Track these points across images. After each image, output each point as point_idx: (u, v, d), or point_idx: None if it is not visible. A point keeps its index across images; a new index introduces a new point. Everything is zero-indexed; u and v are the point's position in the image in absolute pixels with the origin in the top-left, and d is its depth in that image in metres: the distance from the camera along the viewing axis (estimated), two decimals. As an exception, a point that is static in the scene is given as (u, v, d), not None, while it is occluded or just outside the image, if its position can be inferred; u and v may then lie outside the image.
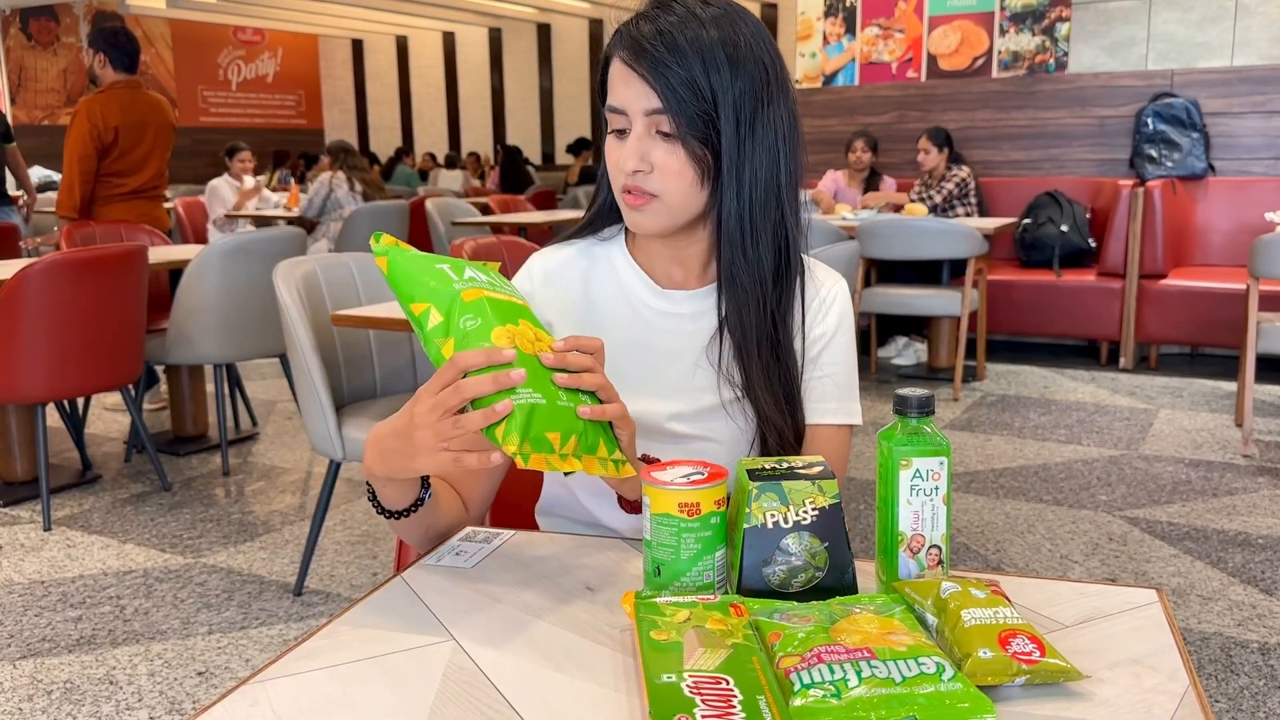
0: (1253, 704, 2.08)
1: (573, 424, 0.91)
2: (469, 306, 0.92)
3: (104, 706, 2.11)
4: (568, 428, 0.91)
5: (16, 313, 3.00)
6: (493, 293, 0.95)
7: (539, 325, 0.97)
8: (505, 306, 0.94)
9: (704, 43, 1.02)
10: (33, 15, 12.01)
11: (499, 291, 0.96)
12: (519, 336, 0.92)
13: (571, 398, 0.92)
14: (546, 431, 0.89)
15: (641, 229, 1.10)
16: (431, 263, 0.96)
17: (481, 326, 0.91)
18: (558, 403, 0.91)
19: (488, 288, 0.95)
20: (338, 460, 2.53)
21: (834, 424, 1.17)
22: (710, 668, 0.73)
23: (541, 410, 0.89)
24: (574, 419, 0.91)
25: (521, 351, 0.90)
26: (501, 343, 0.90)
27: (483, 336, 0.90)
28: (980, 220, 5.11)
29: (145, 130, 4.21)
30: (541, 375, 0.91)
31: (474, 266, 0.98)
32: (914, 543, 0.89)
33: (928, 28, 6.03)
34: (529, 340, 0.92)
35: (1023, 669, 0.73)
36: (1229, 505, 3.19)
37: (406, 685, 0.78)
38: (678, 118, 1.02)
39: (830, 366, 1.17)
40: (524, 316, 0.95)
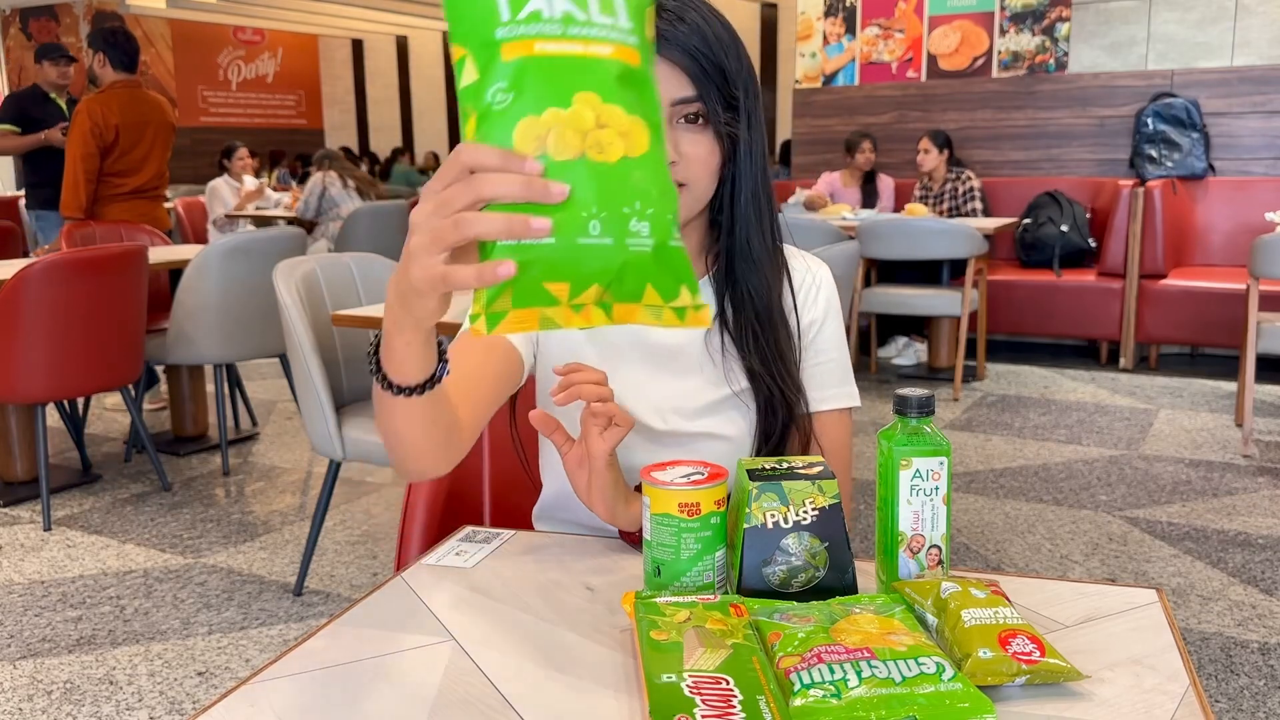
0: (1253, 704, 2.08)
1: (612, 265, 0.68)
2: (507, 69, 0.67)
3: (104, 707, 2.11)
4: (596, 272, 0.68)
5: (16, 313, 3.00)
6: (553, 43, 0.67)
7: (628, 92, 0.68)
8: (563, 68, 0.67)
9: (717, 29, 1.04)
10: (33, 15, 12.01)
11: (573, 40, 0.68)
12: (562, 129, 0.66)
13: (619, 232, 0.67)
14: (549, 280, 0.67)
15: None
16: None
17: (510, 108, 0.67)
18: (583, 239, 0.67)
19: (551, 34, 0.67)
20: (338, 460, 2.53)
21: (839, 409, 1.19)
22: (710, 668, 0.73)
23: (549, 251, 0.66)
24: (616, 257, 0.67)
25: (553, 160, 0.66)
26: (526, 145, 0.66)
27: (504, 129, 0.67)
28: (981, 220, 5.11)
29: (145, 130, 4.22)
30: (592, 186, 0.66)
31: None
32: (914, 543, 0.89)
33: (928, 28, 6.03)
34: (578, 131, 0.67)
35: (1023, 669, 0.73)
36: (1229, 505, 3.19)
37: (407, 686, 0.78)
38: (710, 102, 1.03)
39: (827, 352, 1.19)
40: (592, 85, 0.67)
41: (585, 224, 0.66)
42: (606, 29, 0.68)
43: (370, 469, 3.66)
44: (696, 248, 1.15)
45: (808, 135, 6.49)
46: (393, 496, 3.40)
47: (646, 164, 0.68)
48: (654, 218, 0.68)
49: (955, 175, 5.43)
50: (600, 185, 0.67)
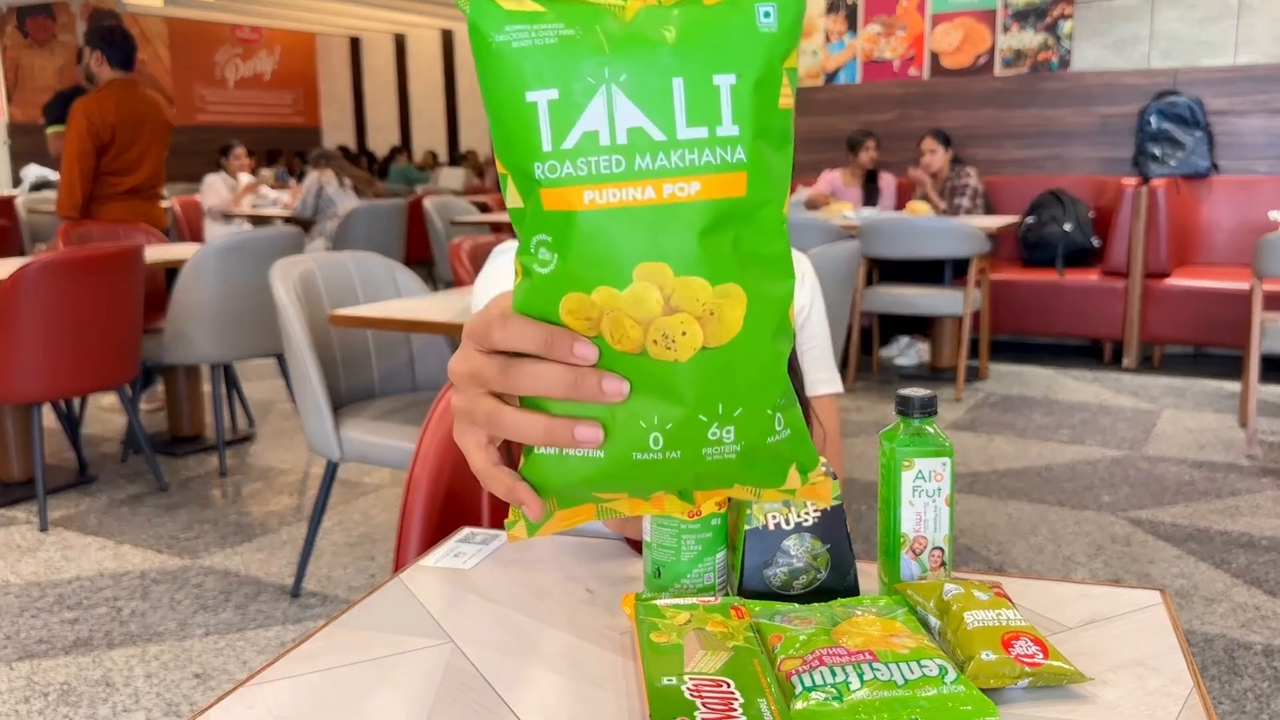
0: (1256, 706, 2.07)
1: (681, 476, 0.57)
2: (549, 221, 0.52)
3: (100, 708, 2.11)
4: (661, 481, 0.57)
5: (12, 313, 2.99)
6: (610, 189, 0.50)
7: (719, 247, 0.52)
8: (622, 227, 0.51)
9: None
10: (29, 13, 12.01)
11: (640, 175, 0.50)
12: (617, 317, 0.52)
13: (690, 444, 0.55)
14: (598, 490, 0.58)
15: None
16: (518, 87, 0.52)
17: (552, 277, 0.52)
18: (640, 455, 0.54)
19: (607, 174, 0.50)
20: (335, 461, 2.52)
21: (827, 394, 1.22)
22: (711, 670, 0.72)
23: (597, 465, 0.55)
24: (686, 470, 0.56)
25: (609, 347, 0.53)
26: (576, 323, 0.53)
27: (550, 298, 0.53)
28: (983, 219, 5.10)
29: (141, 129, 4.21)
30: (653, 387, 0.53)
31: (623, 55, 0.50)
32: (916, 544, 0.88)
33: (930, 25, 6.03)
34: (638, 321, 0.52)
35: (1026, 671, 0.73)
36: (1233, 506, 3.18)
37: (405, 688, 0.77)
38: None
39: (814, 339, 1.22)
40: (663, 252, 0.51)
41: (644, 436, 0.53)
42: (697, 150, 0.50)
43: (368, 470, 3.65)
44: None
45: (809, 133, 6.49)
46: (391, 497, 3.39)
47: (736, 353, 0.53)
48: (743, 419, 0.54)
49: (955, 172, 5.43)
50: (664, 390, 0.53)
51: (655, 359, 0.52)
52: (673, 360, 0.52)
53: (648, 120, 0.49)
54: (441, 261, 6.45)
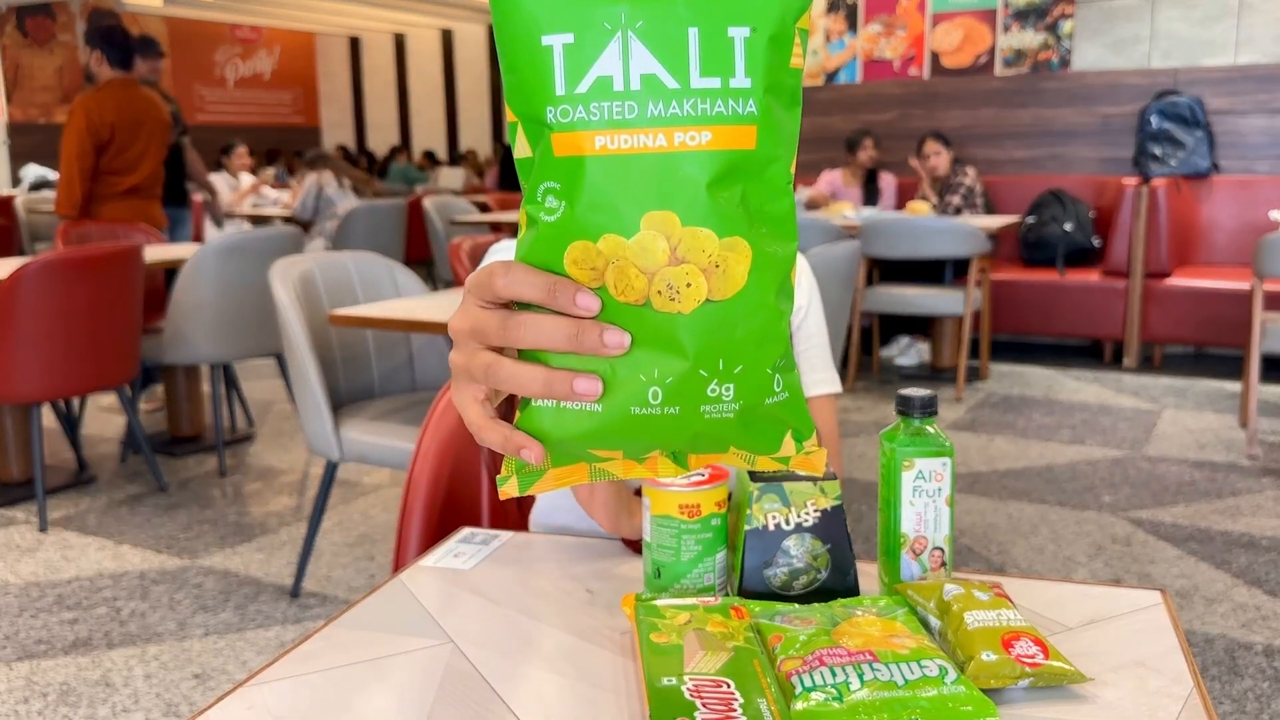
0: (1257, 706, 2.07)
1: (679, 434, 0.56)
2: (559, 167, 0.52)
3: (100, 709, 2.10)
4: (656, 438, 0.56)
5: (11, 312, 2.99)
6: (622, 134, 0.50)
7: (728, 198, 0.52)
8: (632, 174, 0.51)
9: None
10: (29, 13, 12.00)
11: (652, 122, 0.50)
12: (623, 266, 0.52)
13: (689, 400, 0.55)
14: (594, 447, 0.57)
15: None
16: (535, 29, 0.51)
17: (559, 225, 0.52)
18: (638, 410, 0.54)
19: (620, 119, 0.50)
20: (335, 461, 2.52)
21: (825, 394, 1.22)
22: (711, 670, 0.72)
23: (594, 419, 0.55)
24: (684, 429, 0.55)
25: (613, 299, 0.52)
26: (580, 274, 0.52)
27: (554, 248, 0.53)
28: (983, 219, 5.10)
29: (140, 128, 4.21)
30: (654, 340, 0.53)
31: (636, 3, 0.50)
32: (917, 544, 0.88)
33: (930, 25, 6.02)
34: (643, 270, 0.52)
35: (1026, 672, 0.73)
36: (1234, 506, 3.18)
37: (404, 688, 0.77)
38: None
39: (811, 339, 1.22)
40: (671, 200, 0.51)
41: (643, 390, 0.53)
42: (709, 100, 0.50)
43: (367, 470, 3.65)
44: None
45: (809, 133, 6.48)
46: (390, 498, 3.39)
47: (740, 307, 0.52)
48: (743, 376, 0.53)
49: (955, 172, 5.43)
50: (666, 342, 0.52)
51: (658, 311, 0.52)
52: (676, 312, 0.52)
53: (662, 68, 0.49)
54: (441, 261, 6.44)
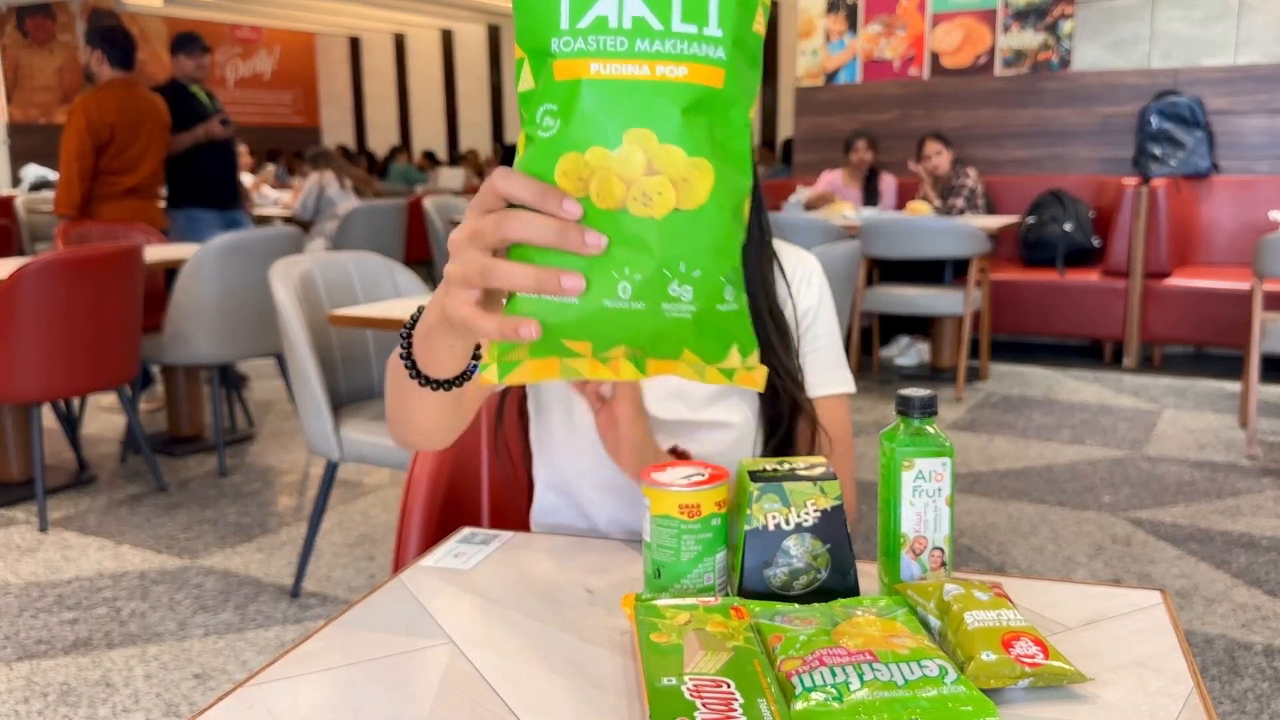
0: (1256, 706, 2.07)
1: (641, 330, 0.63)
2: (558, 90, 0.60)
3: (100, 709, 2.10)
4: (623, 334, 0.63)
5: (11, 312, 2.99)
6: (614, 63, 0.60)
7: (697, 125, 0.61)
8: (619, 96, 0.60)
9: None
10: (29, 13, 12.00)
11: (639, 55, 0.60)
12: (605, 174, 0.60)
13: (653, 296, 0.62)
14: (568, 338, 0.63)
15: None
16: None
17: (553, 140, 0.61)
18: (610, 303, 0.62)
19: (613, 51, 0.60)
20: (335, 461, 2.52)
21: (835, 393, 1.21)
22: (711, 671, 0.72)
23: (570, 310, 0.62)
24: (646, 323, 0.62)
25: (594, 206, 0.61)
26: (568, 184, 0.61)
27: (548, 160, 0.61)
28: (983, 219, 5.10)
29: (140, 128, 4.21)
30: (629, 241, 0.61)
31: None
32: (917, 544, 0.88)
33: (930, 25, 6.03)
34: (623, 179, 0.60)
35: (1026, 672, 0.73)
36: (1233, 506, 3.18)
37: (404, 688, 0.77)
38: None
39: (822, 338, 1.21)
40: (650, 120, 0.60)
41: (615, 285, 0.61)
42: (687, 42, 0.59)
43: (368, 470, 3.65)
44: None
45: (809, 133, 6.49)
46: (390, 498, 3.39)
47: (702, 218, 0.61)
48: (700, 281, 0.61)
49: (956, 173, 5.43)
50: (638, 243, 0.60)
51: (633, 215, 0.60)
52: (648, 217, 0.60)
53: (649, 12, 0.59)
54: (441, 261, 6.45)
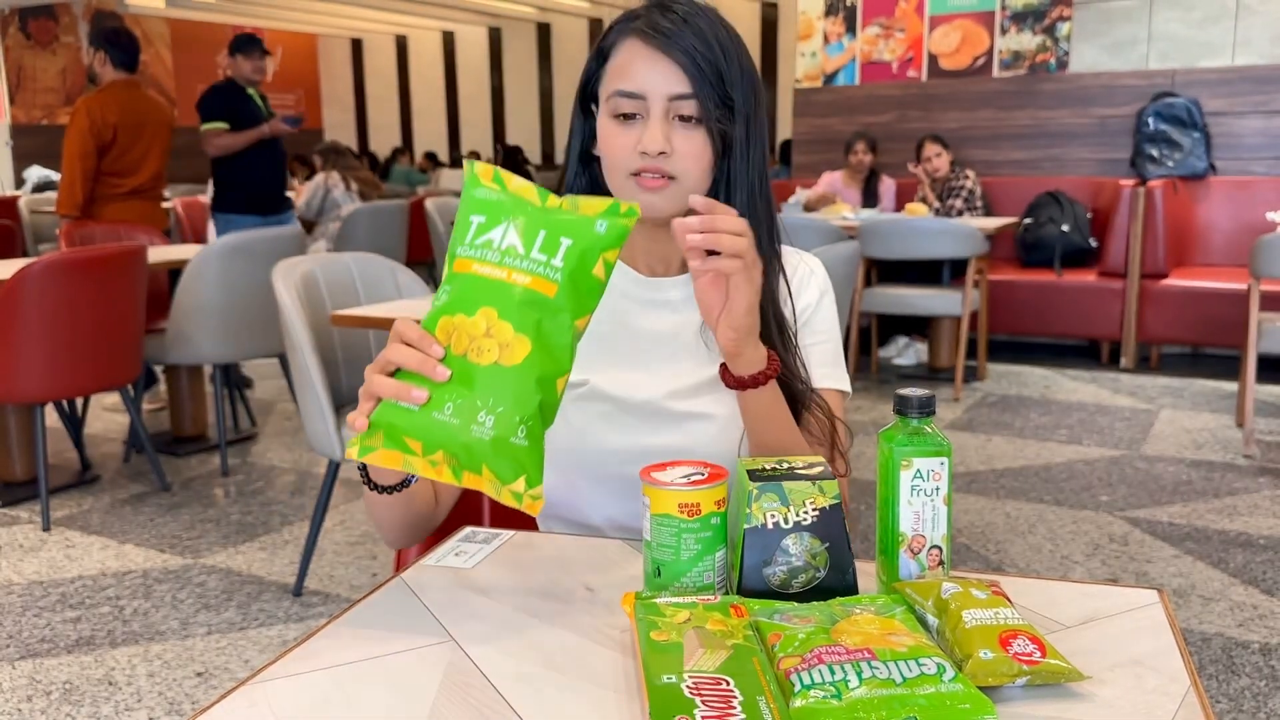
0: (1254, 705, 2.08)
1: (455, 440, 0.85)
2: (451, 277, 0.89)
3: (103, 707, 2.11)
4: (442, 441, 0.85)
5: (15, 313, 2.99)
6: (486, 267, 0.87)
7: (524, 317, 0.86)
8: (483, 286, 0.86)
9: (720, 35, 1.09)
10: (31, 15, 12.00)
11: (502, 268, 0.87)
12: (460, 331, 0.86)
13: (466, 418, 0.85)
14: (407, 436, 0.86)
15: (657, 211, 1.11)
16: (469, 211, 0.89)
17: (440, 307, 0.88)
18: (437, 415, 0.85)
19: (488, 260, 0.87)
20: (337, 460, 2.52)
21: (827, 388, 1.21)
22: (710, 669, 0.72)
23: (413, 416, 0.85)
24: (458, 436, 0.84)
25: (450, 352, 0.86)
26: (442, 334, 0.87)
27: (434, 319, 0.88)
28: (981, 220, 5.10)
29: (143, 130, 4.21)
30: (463, 379, 0.85)
31: (528, 231, 0.87)
32: (915, 543, 0.89)
33: (928, 27, 6.03)
34: (469, 335, 0.86)
35: (1023, 670, 0.73)
36: (1230, 506, 3.18)
37: (406, 686, 0.78)
38: (704, 101, 1.07)
39: (819, 335, 1.21)
40: (496, 303, 0.86)
41: (443, 404, 0.85)
42: (534, 264, 0.87)
43: (370, 469, 3.65)
44: (679, 246, 1.18)
45: (808, 135, 6.49)
46: (392, 496, 3.39)
47: (513, 374, 0.86)
48: (501, 415, 0.85)
49: (955, 174, 5.44)
50: (466, 379, 0.86)
51: (468, 361, 0.86)
52: (476, 363, 0.86)
53: (519, 242, 0.88)
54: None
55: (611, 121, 1.10)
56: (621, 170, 1.10)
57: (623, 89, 1.08)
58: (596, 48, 1.13)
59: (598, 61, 1.13)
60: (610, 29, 1.13)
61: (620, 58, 1.10)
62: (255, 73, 4.67)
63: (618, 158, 1.10)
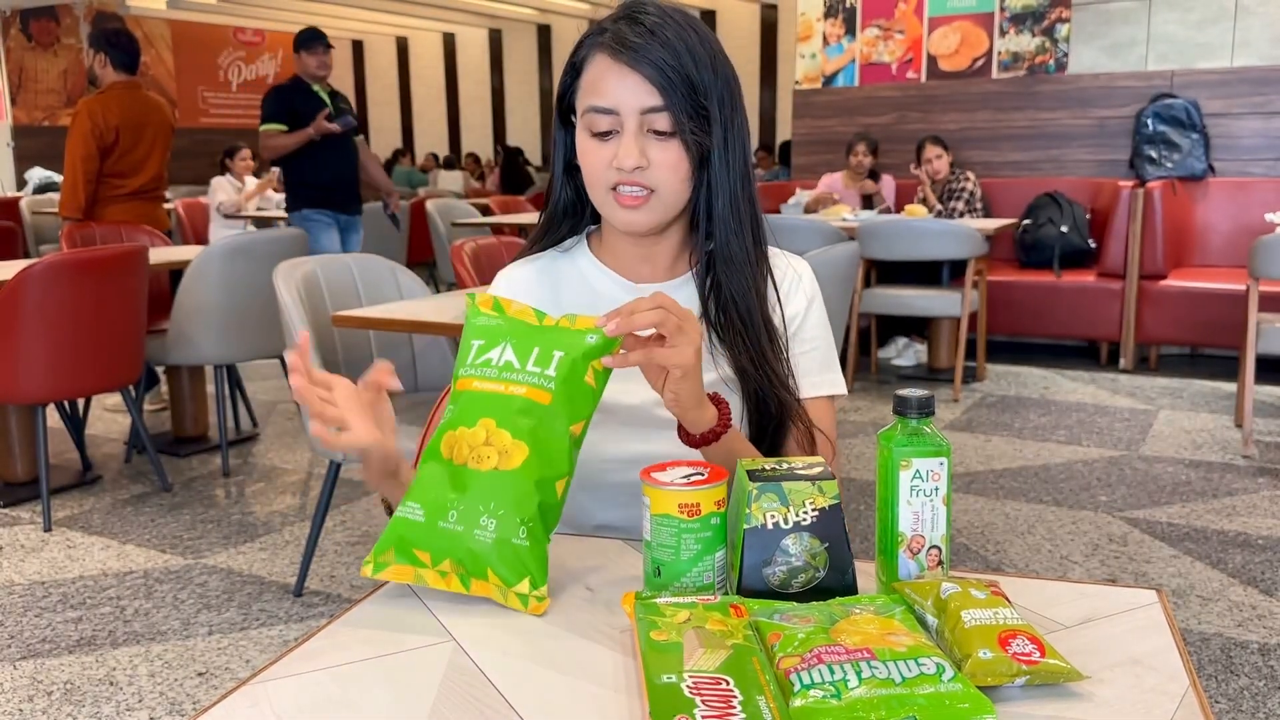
0: (1253, 704, 2.08)
1: (460, 547, 0.90)
2: (455, 396, 0.96)
3: (104, 707, 2.11)
4: (448, 549, 0.90)
5: (17, 313, 3.00)
6: (485, 382, 0.94)
7: (520, 425, 0.92)
8: (483, 399, 0.94)
9: (689, 42, 1.07)
10: (33, 16, 12.00)
11: (500, 383, 0.94)
12: (460, 442, 0.93)
13: (469, 523, 0.90)
14: (416, 549, 0.91)
15: (638, 227, 1.12)
16: (471, 337, 0.97)
17: (444, 424, 0.95)
18: (442, 524, 0.90)
19: (487, 377, 0.94)
20: (338, 461, 2.53)
21: (819, 396, 1.21)
22: (710, 668, 0.73)
23: (420, 527, 0.91)
24: (464, 542, 0.90)
25: (451, 462, 0.93)
26: (446, 449, 0.94)
27: (439, 436, 0.95)
28: (980, 221, 5.11)
29: (144, 131, 4.21)
30: (466, 486, 0.91)
31: (525, 348, 0.94)
32: (914, 543, 0.89)
33: (928, 29, 6.03)
34: (470, 445, 0.92)
35: (1023, 670, 0.73)
36: (1229, 506, 3.19)
37: (407, 686, 0.78)
38: (676, 112, 1.06)
39: (810, 342, 1.21)
40: (494, 413, 0.93)
41: (447, 512, 0.91)
42: (529, 376, 0.93)
43: (370, 470, 3.65)
44: (677, 247, 1.20)
45: (808, 136, 6.49)
46: (393, 497, 3.40)
47: (512, 477, 0.91)
48: (502, 518, 0.90)
49: (955, 176, 5.45)
50: (468, 486, 0.91)
51: (469, 469, 0.92)
52: (476, 469, 0.92)
53: (515, 358, 0.94)
54: (443, 263, 6.45)
55: (588, 137, 1.10)
56: (601, 185, 1.10)
57: (595, 105, 1.08)
58: (569, 62, 1.13)
59: (571, 75, 1.12)
60: (581, 43, 1.12)
61: (591, 73, 1.09)
62: (320, 68, 4.58)
63: (596, 173, 1.10)
